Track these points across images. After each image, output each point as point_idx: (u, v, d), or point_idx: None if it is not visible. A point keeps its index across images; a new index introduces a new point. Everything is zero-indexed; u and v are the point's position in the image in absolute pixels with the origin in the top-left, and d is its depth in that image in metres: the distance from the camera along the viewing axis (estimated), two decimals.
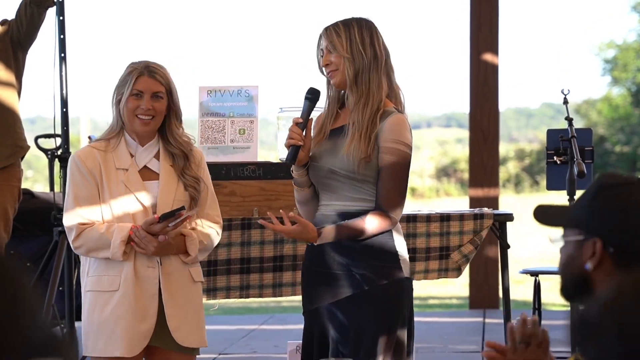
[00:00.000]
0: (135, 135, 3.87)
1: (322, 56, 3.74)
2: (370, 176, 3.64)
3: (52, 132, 5.84)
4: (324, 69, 3.74)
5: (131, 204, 3.81)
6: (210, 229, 3.91)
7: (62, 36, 5.72)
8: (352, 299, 3.64)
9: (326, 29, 3.73)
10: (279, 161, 4.93)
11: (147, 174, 3.86)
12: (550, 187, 5.45)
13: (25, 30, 5.52)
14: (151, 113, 3.82)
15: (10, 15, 5.60)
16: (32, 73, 5.80)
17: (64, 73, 5.72)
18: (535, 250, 14.46)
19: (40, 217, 6.21)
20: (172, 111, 3.89)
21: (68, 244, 4.62)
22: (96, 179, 3.81)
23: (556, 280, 8.01)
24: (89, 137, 4.99)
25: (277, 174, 4.86)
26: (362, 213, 3.62)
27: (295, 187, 3.79)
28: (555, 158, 5.19)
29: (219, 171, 4.85)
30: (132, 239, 3.75)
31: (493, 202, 8.06)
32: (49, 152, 5.83)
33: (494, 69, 8.43)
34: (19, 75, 5.62)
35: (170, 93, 3.88)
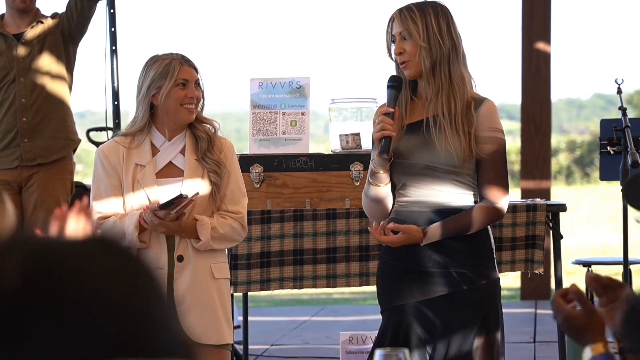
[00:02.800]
0: (168, 129, 3.85)
1: (392, 42, 3.49)
2: (470, 169, 3.47)
3: (103, 126, 5.87)
4: (397, 57, 3.48)
5: (141, 200, 3.80)
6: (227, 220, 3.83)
7: (112, 29, 5.75)
8: (447, 297, 3.45)
9: (400, 12, 3.47)
10: (330, 153, 4.91)
11: (172, 170, 3.85)
12: (603, 177, 5.37)
13: (76, 23, 5.54)
14: (195, 101, 3.85)
15: (61, 8, 5.64)
16: (82, 66, 5.83)
17: (115, 66, 5.75)
18: (586, 242, 14.33)
19: None
20: (202, 98, 3.92)
21: None
22: (119, 173, 3.82)
23: (608, 271, 7.92)
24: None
25: (329, 166, 4.84)
26: (461, 207, 3.45)
27: (375, 184, 3.49)
28: (608, 148, 5.12)
29: (271, 163, 4.85)
30: (141, 221, 3.73)
31: (545, 194, 7.95)
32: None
33: (546, 58, 8.32)
34: (70, 68, 5.65)
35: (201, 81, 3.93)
